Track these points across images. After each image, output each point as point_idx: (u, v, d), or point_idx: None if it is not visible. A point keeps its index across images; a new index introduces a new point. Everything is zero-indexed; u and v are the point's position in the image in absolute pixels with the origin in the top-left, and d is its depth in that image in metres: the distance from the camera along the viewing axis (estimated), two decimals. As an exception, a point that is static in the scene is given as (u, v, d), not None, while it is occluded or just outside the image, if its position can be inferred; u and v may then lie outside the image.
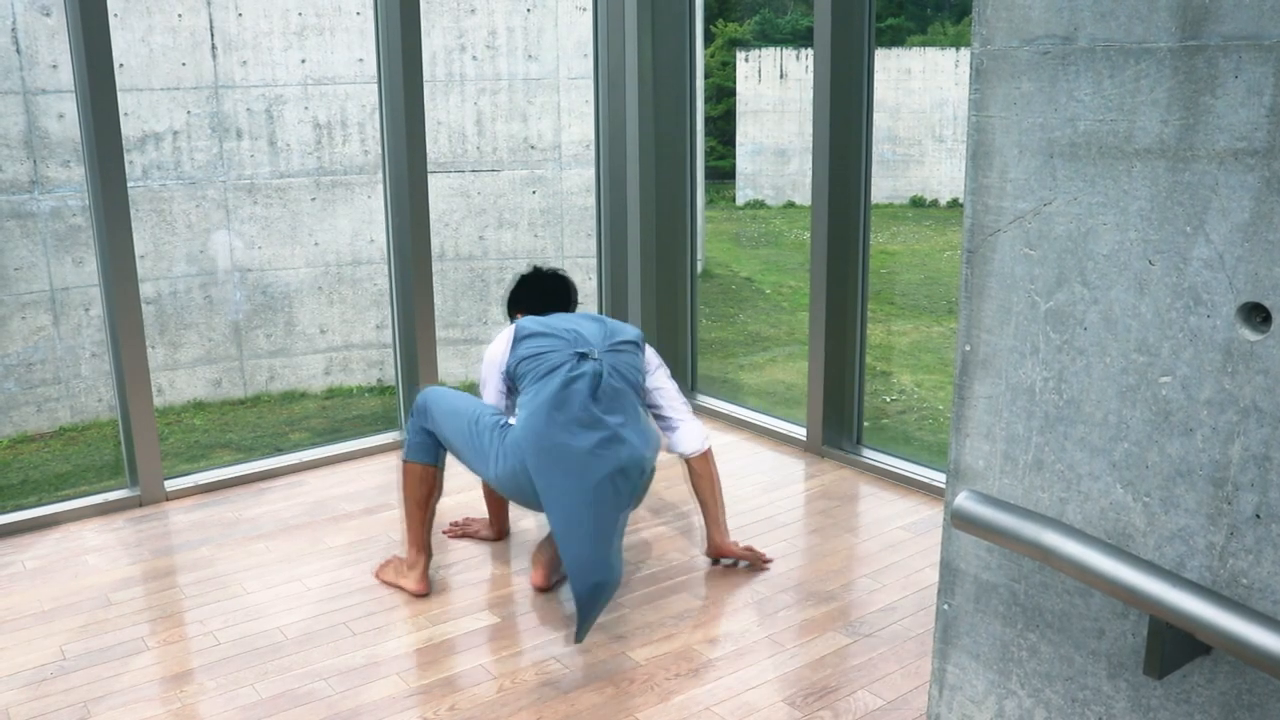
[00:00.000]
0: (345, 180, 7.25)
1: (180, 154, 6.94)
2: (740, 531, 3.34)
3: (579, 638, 2.68)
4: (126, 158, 6.32)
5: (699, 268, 10.43)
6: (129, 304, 3.49)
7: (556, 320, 3.00)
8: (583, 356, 2.84)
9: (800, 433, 4.04)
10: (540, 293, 3.25)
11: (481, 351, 3.11)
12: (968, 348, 1.40)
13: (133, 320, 3.50)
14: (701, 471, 3.13)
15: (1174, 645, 1.14)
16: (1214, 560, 1.18)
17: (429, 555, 3.03)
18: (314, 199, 7.17)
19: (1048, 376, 1.31)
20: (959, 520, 1.29)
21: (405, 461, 2.99)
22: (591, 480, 2.68)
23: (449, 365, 7.09)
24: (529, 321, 2.99)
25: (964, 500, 1.29)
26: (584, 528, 2.66)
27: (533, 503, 2.79)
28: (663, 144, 4.52)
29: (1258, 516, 1.13)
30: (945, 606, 1.46)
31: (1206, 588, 1.13)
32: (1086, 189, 1.23)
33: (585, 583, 2.62)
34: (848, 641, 2.74)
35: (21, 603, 2.95)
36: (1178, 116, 1.14)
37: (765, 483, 3.74)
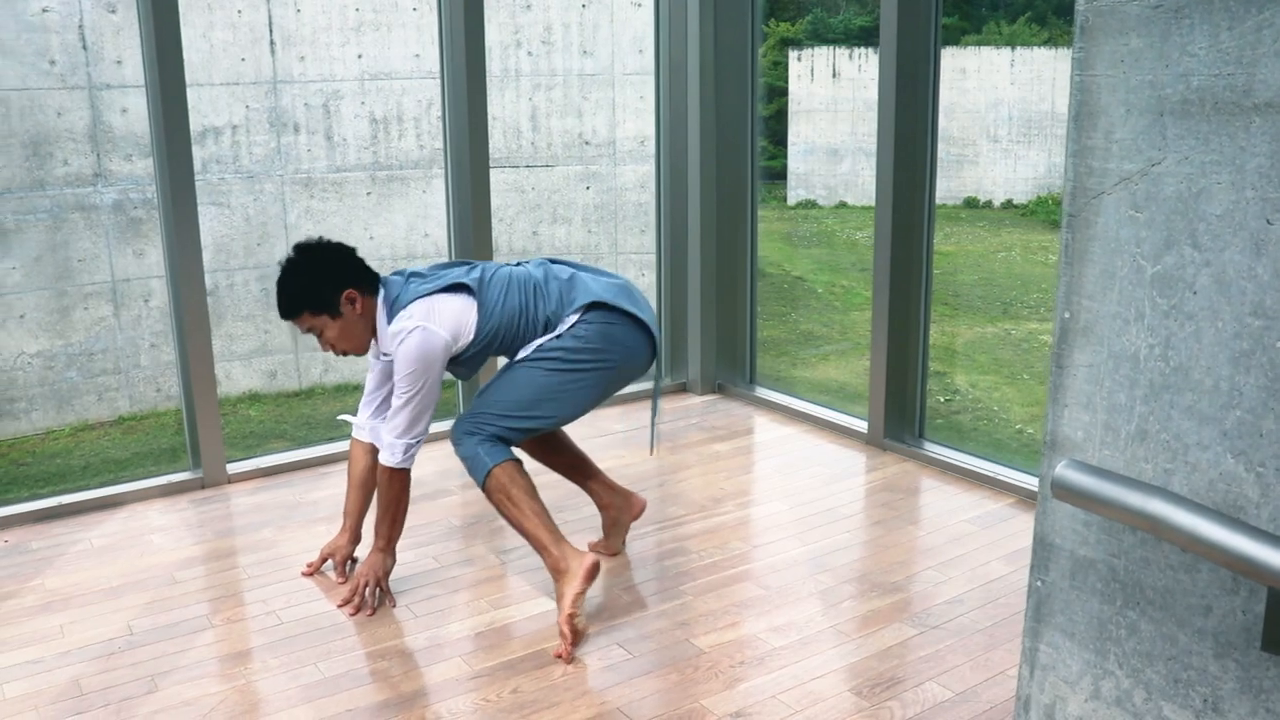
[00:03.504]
0: (401, 175, 7.28)
1: (239, 148, 7.00)
2: (801, 523, 3.30)
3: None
4: (187, 150, 6.38)
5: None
6: (194, 286, 3.52)
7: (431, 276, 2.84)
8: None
9: (861, 426, 3.99)
10: (356, 260, 2.83)
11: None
12: (1067, 315, 1.35)
13: (197, 303, 3.53)
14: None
15: (1292, 619, 1.09)
16: (1333, 533, 1.13)
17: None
18: (369, 193, 7.21)
19: (1153, 343, 1.27)
20: (1059, 490, 1.24)
21: (491, 473, 2.71)
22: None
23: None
24: (422, 281, 2.78)
25: (1065, 469, 1.25)
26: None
27: (644, 360, 2.88)
28: (724, 140, 4.49)
29: (1382, 486, 1.09)
30: (1038, 583, 1.42)
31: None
32: (1199, 147, 1.19)
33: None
34: (914, 633, 2.69)
35: (90, 579, 2.98)
36: (1302, 68, 1.09)
37: (826, 475, 3.70)
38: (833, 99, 11.96)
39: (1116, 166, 1.28)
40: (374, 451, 2.90)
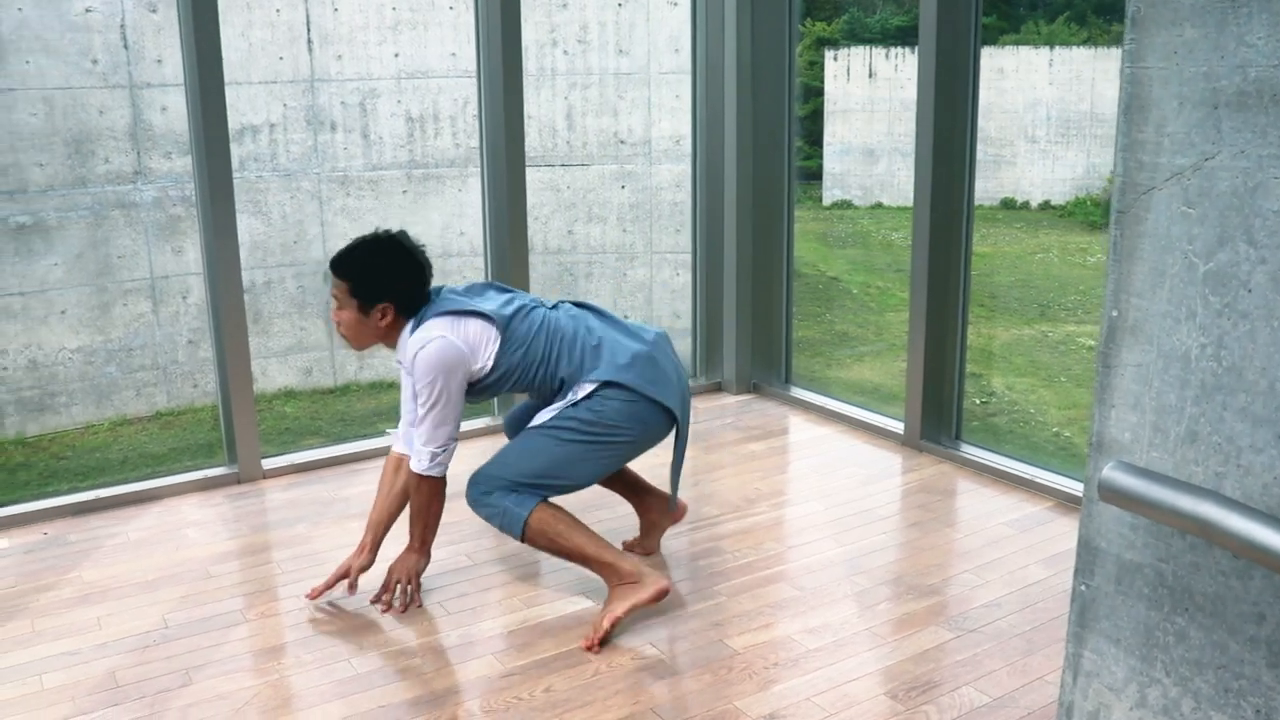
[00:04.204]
0: (436, 173, 7.30)
1: (276, 146, 7.05)
2: (836, 524, 3.27)
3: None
4: (225, 149, 6.42)
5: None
6: (231, 283, 3.54)
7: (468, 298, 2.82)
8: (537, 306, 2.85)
9: (897, 427, 3.95)
10: (421, 284, 2.79)
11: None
12: (1115, 313, 1.32)
13: (234, 300, 3.55)
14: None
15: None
16: (1393, 539, 1.09)
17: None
18: (405, 191, 7.24)
19: (1205, 342, 1.23)
20: (1106, 492, 1.21)
21: (527, 523, 2.66)
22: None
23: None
24: (453, 299, 2.76)
25: (1112, 471, 1.21)
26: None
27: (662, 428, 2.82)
28: (760, 140, 4.46)
29: None
30: (1083, 588, 1.38)
31: (1387, 567, 1.05)
32: (1256, 140, 1.16)
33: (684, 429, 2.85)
34: (950, 637, 2.66)
35: (126, 572, 3.00)
36: (1365, 58, 1.06)
37: (862, 476, 3.66)
38: (869, 99, 11.89)
39: (1168, 161, 1.24)
40: (406, 460, 2.87)
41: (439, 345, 2.64)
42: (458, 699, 2.41)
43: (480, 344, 2.70)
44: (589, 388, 2.71)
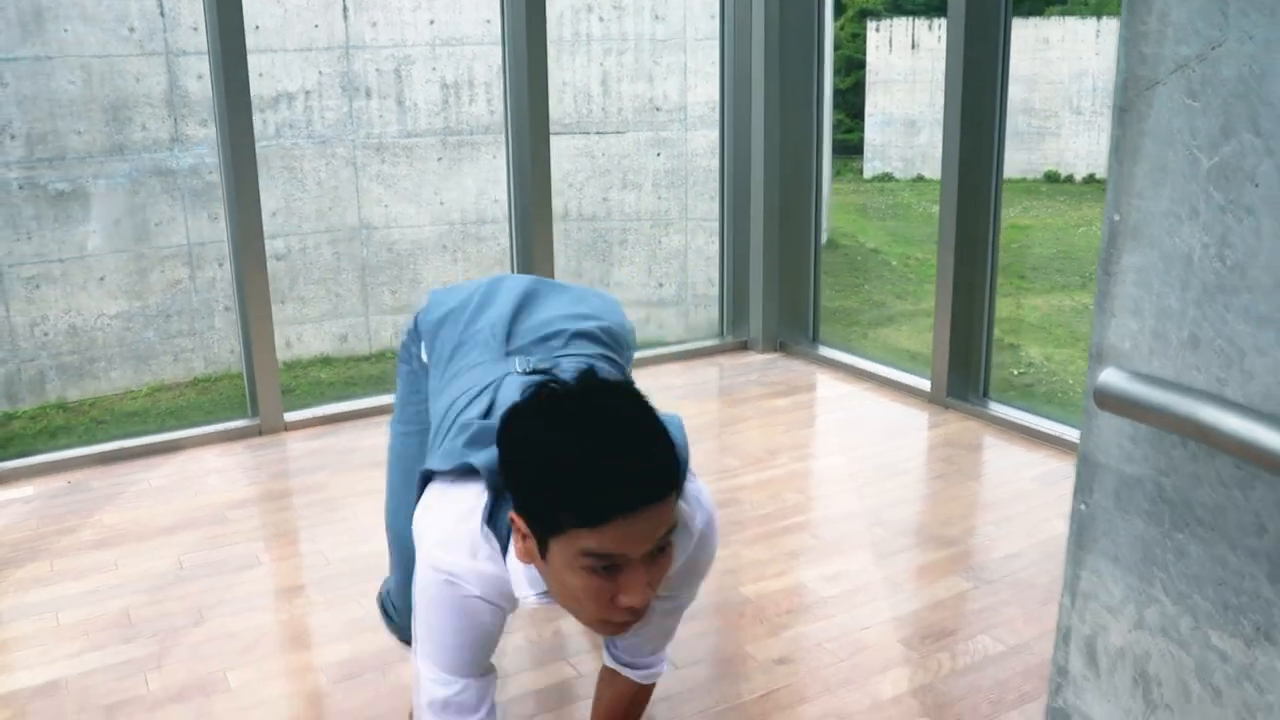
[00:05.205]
0: (471, 140, 7.28)
1: (311, 113, 7.06)
2: (858, 477, 3.22)
3: None
4: (260, 117, 6.46)
5: (824, 238, 10.22)
6: (251, 227, 3.54)
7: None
8: None
9: (924, 385, 3.89)
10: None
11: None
12: (1116, 217, 1.27)
13: (254, 249, 3.56)
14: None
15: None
16: (1401, 440, 1.04)
17: None
18: (440, 158, 7.23)
19: (1208, 241, 1.18)
20: (1102, 398, 1.16)
21: None
22: None
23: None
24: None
25: (1109, 376, 1.17)
26: None
27: None
28: (788, 106, 4.42)
29: None
30: (1082, 506, 1.34)
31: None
32: (1264, 22, 1.10)
33: None
34: (968, 586, 2.61)
35: (145, 517, 3.02)
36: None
37: (887, 431, 3.61)
38: (911, 70, 11.73)
39: (1171, 51, 1.19)
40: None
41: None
42: (466, 640, 2.40)
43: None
44: None
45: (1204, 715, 1.28)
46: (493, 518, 1.51)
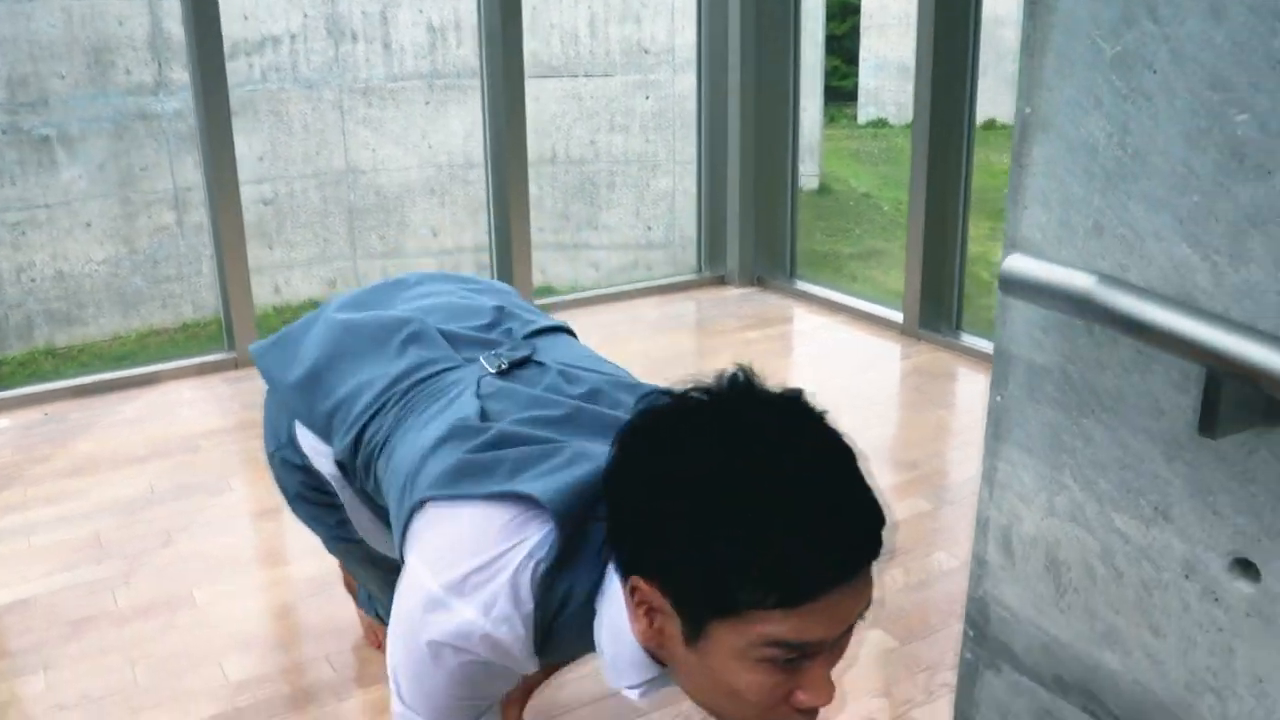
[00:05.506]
0: (458, 83, 7.24)
1: (297, 57, 7.01)
2: (828, 404, 3.25)
3: None
4: (245, 61, 6.42)
5: (816, 183, 10.11)
6: (224, 160, 3.55)
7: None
8: None
9: (897, 316, 3.91)
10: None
11: (589, 258, 1.95)
12: (1028, 110, 1.28)
13: (228, 181, 3.57)
14: None
15: (1233, 403, 1.03)
16: (1286, 317, 1.06)
17: None
18: (427, 102, 7.19)
19: (1111, 130, 1.19)
20: (1006, 283, 1.19)
21: None
22: None
23: (557, 269, 7.09)
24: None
25: (1014, 262, 1.19)
26: None
27: None
28: (765, 45, 4.42)
29: (1337, 262, 1.01)
30: (998, 398, 1.36)
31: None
32: (1158, -94, 1.11)
33: None
34: (929, 507, 2.64)
35: (119, 446, 3.06)
36: None
37: (859, 361, 3.64)
38: (905, 14, 11.60)
39: (1077, -60, 1.20)
40: None
41: None
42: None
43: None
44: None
45: (1107, 596, 1.32)
46: (552, 568, 1.10)
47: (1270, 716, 1.16)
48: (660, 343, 3.73)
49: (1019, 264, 1.18)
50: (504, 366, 1.33)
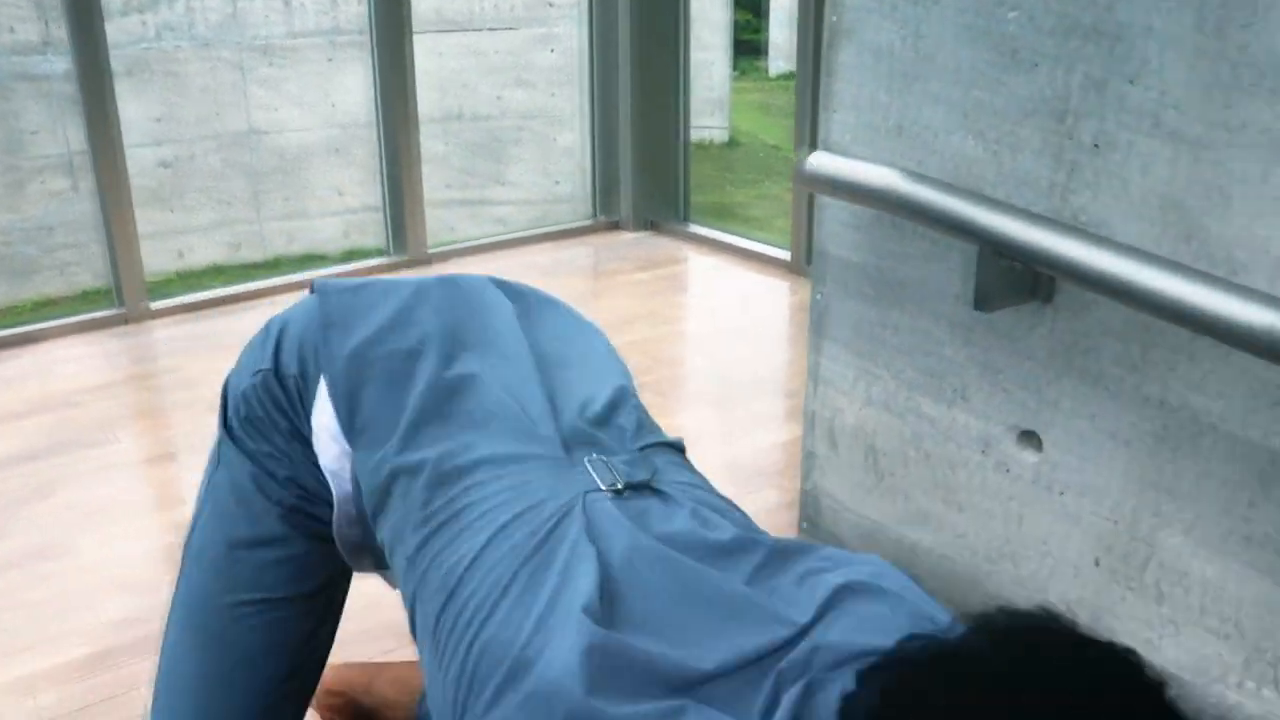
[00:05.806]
0: (361, 40, 7.14)
1: (193, 14, 6.84)
2: (710, 339, 3.34)
3: None
4: (139, 19, 6.27)
5: (725, 136, 10.15)
6: (106, 123, 3.50)
7: None
8: None
9: (786, 255, 4.00)
10: None
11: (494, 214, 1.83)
12: (834, 18, 1.34)
13: (111, 132, 3.52)
14: None
15: (1005, 279, 1.11)
16: (1057, 200, 1.13)
17: None
18: (330, 59, 7.08)
19: (905, 34, 1.26)
20: (805, 178, 1.25)
21: None
22: None
23: (462, 227, 7.06)
24: None
25: (812, 157, 1.25)
26: None
27: None
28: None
29: (1096, 146, 1.09)
30: (818, 297, 1.43)
31: (1046, 217, 1.09)
32: None
33: None
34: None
35: (-3, 404, 3.03)
36: None
37: (745, 298, 3.73)
38: (814, -36, 11.62)
39: None
40: None
41: None
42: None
43: None
44: None
45: (918, 478, 1.40)
46: None
47: (1052, 576, 1.25)
48: (553, 286, 3.73)
49: (817, 161, 1.24)
50: (619, 487, 0.98)
